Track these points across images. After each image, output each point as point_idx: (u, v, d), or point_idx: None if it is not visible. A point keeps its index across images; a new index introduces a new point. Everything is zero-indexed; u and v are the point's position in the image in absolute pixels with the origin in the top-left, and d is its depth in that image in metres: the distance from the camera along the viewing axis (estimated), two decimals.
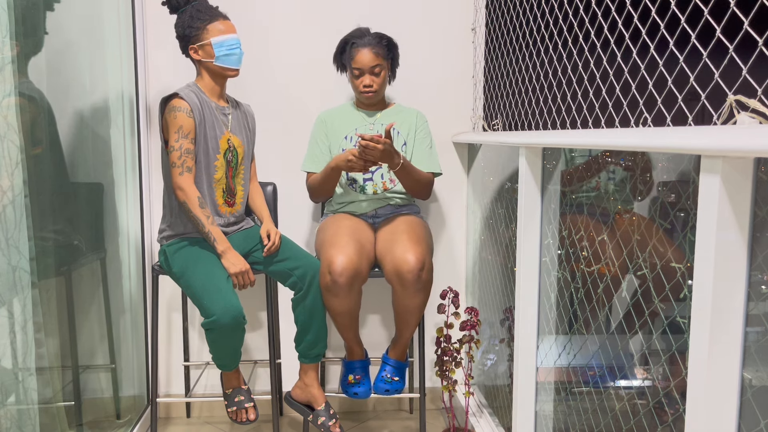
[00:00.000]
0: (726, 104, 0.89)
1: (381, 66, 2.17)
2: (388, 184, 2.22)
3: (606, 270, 1.40)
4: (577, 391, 1.60)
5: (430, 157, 2.26)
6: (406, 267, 1.93)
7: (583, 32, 1.43)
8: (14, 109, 1.48)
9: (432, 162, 2.25)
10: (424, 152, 2.25)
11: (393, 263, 1.96)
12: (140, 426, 2.35)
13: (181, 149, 1.92)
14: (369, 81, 2.18)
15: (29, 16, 1.64)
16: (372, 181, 2.21)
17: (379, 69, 2.17)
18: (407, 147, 2.25)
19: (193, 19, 1.96)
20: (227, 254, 1.93)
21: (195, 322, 2.56)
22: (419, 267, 1.94)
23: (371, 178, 2.21)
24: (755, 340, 0.92)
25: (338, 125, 2.27)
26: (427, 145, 2.27)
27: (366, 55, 2.16)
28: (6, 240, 1.45)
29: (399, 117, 2.29)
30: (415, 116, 2.29)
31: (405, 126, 2.27)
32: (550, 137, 1.47)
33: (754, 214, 0.89)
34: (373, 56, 2.16)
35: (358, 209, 2.23)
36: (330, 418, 2.07)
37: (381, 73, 2.18)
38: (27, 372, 1.54)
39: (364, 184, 2.22)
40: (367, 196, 2.22)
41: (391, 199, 2.23)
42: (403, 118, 2.29)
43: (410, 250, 1.95)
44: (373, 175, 2.21)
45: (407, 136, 2.26)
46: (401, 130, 2.26)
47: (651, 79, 1.13)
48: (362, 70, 2.17)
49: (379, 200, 2.22)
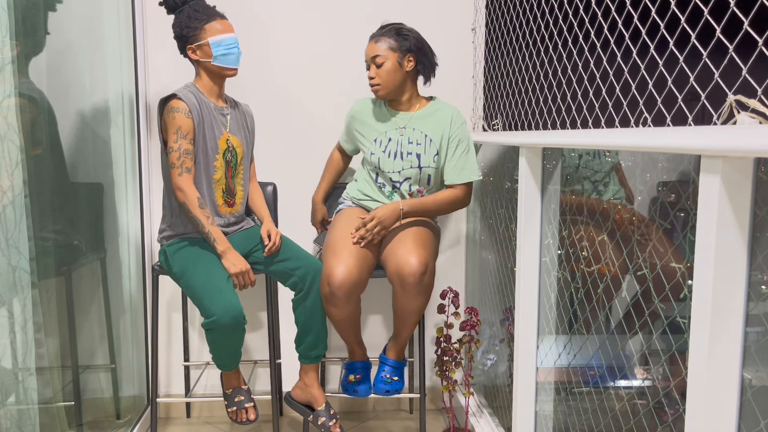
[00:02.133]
0: (726, 104, 0.89)
1: (384, 56, 2.01)
2: (415, 195, 2.13)
3: (606, 270, 1.40)
4: (577, 391, 1.60)
5: (465, 165, 2.07)
6: (408, 269, 1.92)
7: (583, 32, 1.43)
8: (14, 110, 1.48)
9: (464, 171, 2.07)
10: (455, 162, 2.07)
11: (395, 265, 1.95)
12: (140, 426, 2.35)
13: (180, 150, 1.92)
14: (372, 73, 2.04)
15: (29, 16, 1.64)
16: (399, 191, 2.13)
17: (381, 59, 2.01)
18: (440, 156, 2.08)
19: (190, 19, 1.96)
20: (227, 254, 1.93)
21: (195, 322, 2.56)
22: (421, 270, 1.92)
23: (399, 188, 2.11)
24: (755, 340, 0.92)
25: (367, 125, 2.15)
26: (461, 152, 2.07)
27: (370, 46, 2.04)
28: (6, 240, 1.45)
29: (429, 121, 2.11)
30: (449, 119, 2.09)
31: (438, 130, 2.09)
32: (550, 137, 1.47)
33: (754, 214, 0.89)
34: (374, 46, 2.03)
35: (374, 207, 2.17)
36: (330, 419, 2.07)
37: (385, 63, 2.02)
38: (27, 372, 1.54)
39: (392, 192, 2.13)
40: (390, 199, 2.14)
41: None
42: (434, 122, 2.10)
43: (413, 253, 1.93)
44: (401, 186, 2.11)
45: (440, 143, 2.08)
46: (434, 138, 2.08)
47: (651, 79, 1.13)
48: (367, 62, 2.06)
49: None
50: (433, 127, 2.10)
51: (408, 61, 2.05)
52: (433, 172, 2.10)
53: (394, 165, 2.09)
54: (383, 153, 2.10)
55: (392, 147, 2.10)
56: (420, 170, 2.08)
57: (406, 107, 2.13)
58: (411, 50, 2.04)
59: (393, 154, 2.09)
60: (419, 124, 2.11)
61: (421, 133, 2.09)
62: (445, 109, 2.12)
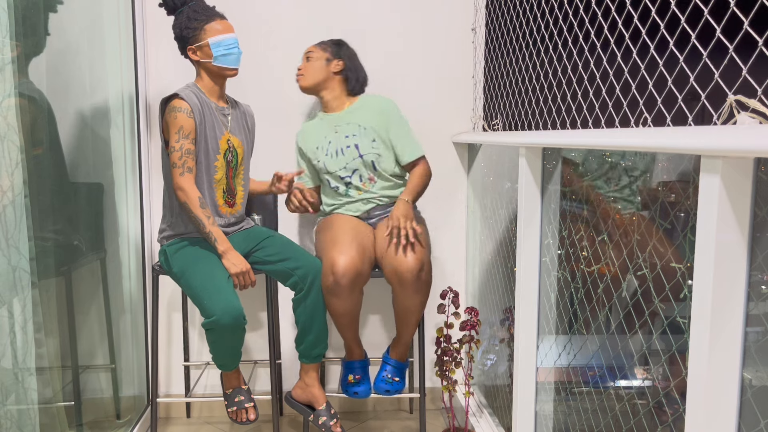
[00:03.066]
0: (726, 104, 0.89)
1: (316, 53, 2.21)
2: (367, 184, 2.21)
3: (606, 270, 1.40)
4: (577, 391, 1.60)
5: (410, 144, 2.20)
6: (405, 267, 1.94)
7: (583, 32, 1.43)
8: (14, 110, 1.48)
9: (413, 148, 2.20)
10: (403, 143, 2.20)
11: (392, 264, 1.97)
12: (140, 426, 2.35)
13: (182, 150, 1.92)
14: (302, 65, 2.24)
15: (29, 16, 1.64)
16: (353, 186, 2.21)
17: (312, 55, 2.21)
18: (378, 142, 2.19)
19: (189, 20, 1.96)
20: (228, 254, 1.93)
21: (195, 322, 2.56)
22: (418, 267, 1.94)
23: (351, 182, 2.20)
24: (755, 340, 0.92)
25: (311, 140, 2.26)
26: (403, 133, 2.21)
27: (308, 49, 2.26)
28: (6, 240, 1.45)
29: (359, 112, 2.23)
30: (379, 106, 2.22)
31: (369, 118, 2.21)
32: (550, 137, 1.47)
33: (754, 214, 0.89)
34: (311, 46, 2.25)
35: (348, 213, 2.23)
36: (331, 418, 2.07)
37: (314, 59, 2.21)
38: (27, 372, 1.54)
39: (347, 189, 2.21)
40: (352, 198, 2.21)
41: (378, 200, 2.21)
42: (364, 112, 2.22)
43: (410, 251, 1.96)
44: (352, 178, 2.20)
45: (376, 129, 2.20)
46: (367, 125, 2.20)
47: (651, 79, 1.13)
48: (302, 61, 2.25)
49: (367, 202, 2.21)
50: (363, 116, 2.22)
51: (336, 64, 2.23)
52: (376, 158, 2.19)
53: (338, 162, 2.20)
54: (326, 156, 2.21)
55: (332, 148, 2.21)
56: (361, 158, 2.18)
57: (336, 107, 2.26)
58: (341, 57, 2.24)
59: (334, 153, 2.21)
60: (351, 118, 2.23)
61: (354, 125, 2.21)
62: (373, 99, 2.27)
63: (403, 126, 2.21)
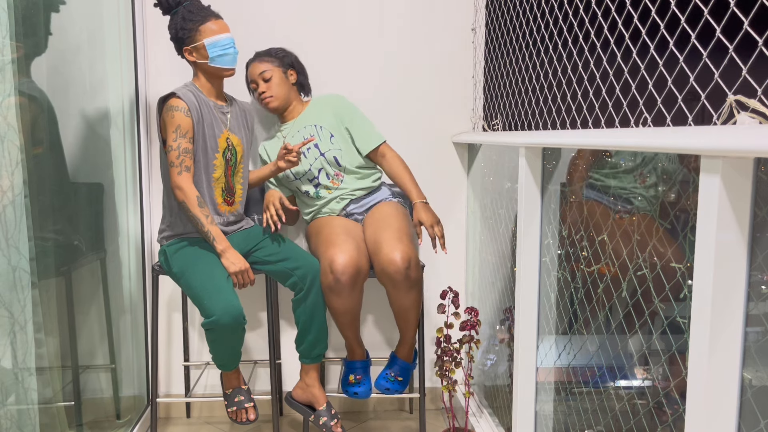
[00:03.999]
0: (726, 104, 0.89)
1: (271, 71, 2.17)
2: (336, 181, 2.21)
3: (606, 270, 1.40)
4: (577, 391, 1.60)
5: (369, 132, 2.20)
6: (393, 267, 1.94)
7: (583, 32, 1.43)
8: (14, 109, 1.48)
9: (372, 135, 2.20)
10: (361, 132, 2.20)
11: (380, 265, 1.97)
12: (140, 426, 2.35)
13: (180, 149, 1.92)
14: (263, 88, 2.18)
15: (30, 16, 1.64)
16: (322, 185, 2.21)
17: (268, 74, 2.17)
18: (337, 137, 2.19)
19: (185, 20, 1.95)
20: (227, 253, 1.93)
21: (195, 322, 2.56)
22: (405, 266, 1.94)
23: (319, 182, 2.20)
24: (755, 340, 0.92)
25: (272, 151, 2.28)
26: (359, 123, 2.21)
27: (254, 66, 2.20)
28: (6, 240, 1.45)
29: (312, 114, 2.23)
30: (329, 102, 2.24)
31: (326, 117, 2.22)
32: (550, 137, 1.47)
33: (754, 214, 0.89)
34: (260, 64, 2.19)
35: (326, 214, 2.23)
36: (332, 418, 2.07)
37: (271, 77, 2.17)
38: (27, 372, 1.54)
39: (317, 190, 2.21)
40: (325, 198, 2.21)
41: (351, 194, 2.21)
42: (317, 112, 2.23)
43: (396, 249, 1.96)
44: (319, 179, 2.20)
45: (331, 125, 2.20)
46: (324, 124, 2.20)
47: (651, 79, 1.13)
48: (255, 81, 2.19)
49: (339, 200, 2.21)
50: (317, 115, 2.23)
51: (290, 74, 2.24)
52: (338, 153, 2.19)
53: (302, 166, 2.21)
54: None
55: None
56: (324, 156, 2.19)
57: (293, 115, 2.27)
58: (292, 65, 2.25)
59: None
60: (306, 121, 2.24)
61: (311, 126, 2.22)
62: (323, 97, 2.28)
63: (357, 116, 2.22)
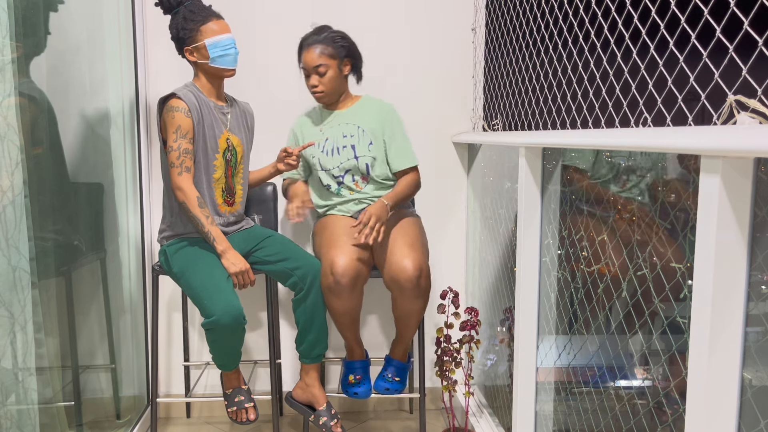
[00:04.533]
0: (726, 104, 0.89)
1: (326, 66, 2.10)
2: (359, 185, 2.19)
3: (606, 270, 1.40)
4: (577, 391, 1.60)
5: (405, 152, 2.18)
6: (404, 276, 1.93)
7: (583, 32, 1.43)
8: (14, 109, 1.48)
9: (407, 156, 2.18)
10: (398, 149, 2.18)
11: (390, 271, 1.96)
12: (140, 426, 2.35)
13: (180, 149, 1.92)
14: (315, 81, 2.12)
15: (30, 16, 1.64)
16: (345, 185, 2.19)
17: (323, 69, 2.10)
18: (375, 146, 2.17)
19: (186, 20, 1.95)
20: (227, 254, 1.93)
21: (195, 322, 2.56)
22: (417, 275, 1.93)
23: (343, 181, 2.19)
24: (755, 340, 0.92)
25: (307, 135, 2.25)
26: (399, 140, 2.18)
27: (310, 55, 2.11)
28: (6, 240, 1.45)
29: (360, 114, 2.20)
30: (379, 111, 2.20)
31: (369, 121, 2.19)
32: (550, 137, 1.47)
33: (754, 214, 0.89)
34: (316, 56, 2.10)
35: (341, 212, 2.22)
36: (332, 418, 2.07)
37: (326, 73, 2.10)
38: (27, 372, 1.54)
39: (339, 188, 2.20)
40: (344, 197, 2.20)
41: (371, 200, 2.20)
42: (365, 114, 2.20)
43: (407, 257, 1.95)
44: (344, 178, 2.18)
45: (373, 133, 2.17)
46: (366, 128, 2.18)
47: (651, 79, 1.13)
48: (308, 70, 2.13)
49: (359, 202, 2.21)
50: (363, 119, 2.20)
51: (345, 65, 2.17)
52: (371, 161, 2.17)
53: (332, 161, 2.18)
54: (322, 153, 2.19)
55: (329, 145, 2.19)
56: (357, 159, 2.16)
57: (340, 106, 2.24)
58: (348, 56, 2.17)
59: (330, 151, 2.18)
60: (351, 118, 2.21)
61: (354, 126, 2.19)
62: (375, 103, 2.24)
63: (399, 132, 2.19)
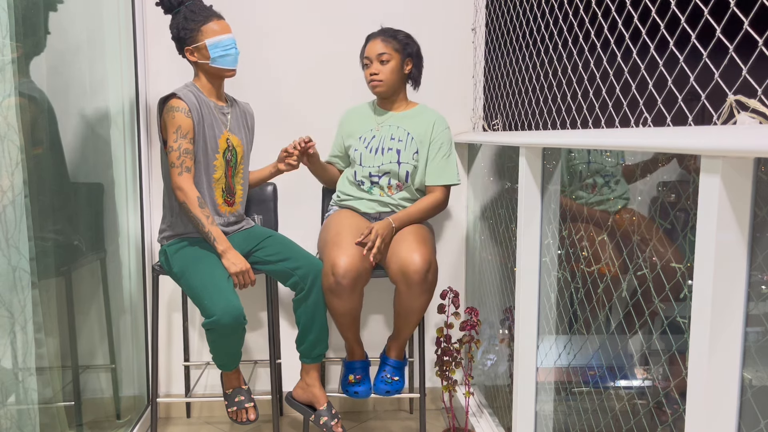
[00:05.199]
0: (726, 104, 0.89)
1: (389, 55, 2.10)
2: (394, 190, 2.18)
3: (606, 270, 1.40)
4: (577, 391, 1.60)
5: (445, 168, 2.16)
6: (413, 267, 1.93)
7: (583, 32, 1.43)
8: (14, 109, 1.48)
9: (444, 174, 2.16)
10: (437, 164, 2.16)
11: (399, 263, 1.96)
12: (140, 426, 2.35)
13: (180, 149, 1.92)
14: (375, 69, 2.11)
15: (30, 16, 1.64)
16: (378, 186, 2.18)
17: (387, 57, 2.10)
18: (420, 155, 2.16)
19: (186, 20, 1.95)
20: (227, 254, 1.93)
21: (195, 322, 2.56)
22: (425, 268, 1.94)
23: (378, 182, 2.18)
24: (755, 340, 0.92)
25: (354, 127, 2.24)
26: (442, 155, 2.16)
27: (375, 44, 2.12)
28: (6, 240, 1.45)
29: (413, 121, 2.18)
30: (432, 122, 2.18)
31: (420, 130, 2.17)
32: (550, 137, 1.47)
33: (754, 214, 0.89)
34: (381, 45, 2.11)
35: (362, 207, 2.21)
36: (332, 418, 2.07)
37: (390, 62, 2.10)
38: (27, 372, 1.54)
39: (372, 186, 2.19)
40: (373, 196, 2.19)
41: (396, 207, 2.19)
42: (417, 122, 2.18)
43: (416, 251, 1.95)
44: (380, 180, 2.17)
45: (421, 143, 2.16)
46: (415, 136, 2.16)
47: (651, 79, 1.13)
48: (370, 58, 2.12)
49: (384, 205, 2.19)
50: (415, 126, 2.18)
51: (407, 64, 2.16)
52: (411, 170, 2.16)
53: (374, 160, 2.17)
54: (365, 149, 2.18)
55: (374, 143, 2.18)
56: (399, 165, 2.16)
57: (395, 108, 2.22)
58: (412, 55, 2.16)
59: (374, 150, 2.18)
60: (403, 123, 2.19)
61: (403, 131, 2.18)
62: (431, 113, 2.21)
63: (446, 148, 2.17)
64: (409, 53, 2.15)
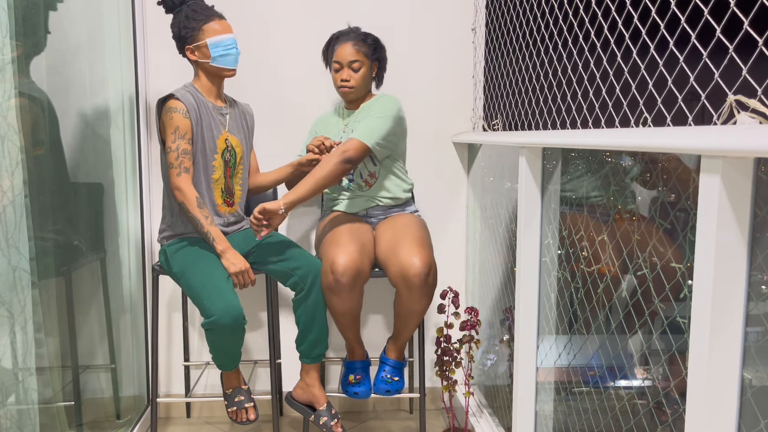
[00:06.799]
0: (726, 104, 0.89)
1: (361, 62, 2.13)
2: (369, 182, 2.21)
3: (606, 270, 1.40)
4: (577, 391, 1.60)
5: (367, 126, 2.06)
6: (413, 271, 1.93)
7: (583, 32, 1.43)
8: (15, 110, 1.48)
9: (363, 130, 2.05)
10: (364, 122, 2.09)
11: (399, 267, 1.96)
12: (140, 426, 2.35)
13: (178, 150, 1.92)
14: (346, 75, 2.14)
15: (30, 15, 1.64)
16: (354, 181, 2.21)
17: (358, 65, 2.13)
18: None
19: (188, 19, 1.96)
20: (227, 254, 1.93)
21: (195, 322, 2.56)
22: (426, 271, 1.93)
23: (352, 177, 2.20)
24: (755, 340, 0.92)
25: (322, 131, 2.28)
26: (373, 116, 2.09)
27: (346, 49, 2.14)
28: (6, 240, 1.45)
29: (368, 111, 2.15)
30: (383, 102, 2.15)
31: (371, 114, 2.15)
32: (550, 137, 1.47)
33: (754, 214, 0.89)
34: (353, 51, 2.13)
35: (349, 208, 2.23)
36: (332, 418, 2.07)
37: (360, 69, 2.14)
38: (27, 372, 1.54)
39: (350, 183, 2.22)
40: (353, 193, 2.21)
41: (379, 199, 2.21)
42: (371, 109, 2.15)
43: (416, 254, 1.95)
44: (353, 175, 2.20)
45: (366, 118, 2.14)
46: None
47: (651, 79, 1.13)
48: (341, 63, 2.14)
49: (367, 199, 2.21)
50: (368, 112, 2.18)
51: (374, 67, 2.22)
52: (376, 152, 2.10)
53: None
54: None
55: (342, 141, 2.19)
56: None
57: (357, 106, 2.25)
58: (379, 59, 2.22)
59: None
60: (360, 116, 2.21)
61: (357, 122, 2.19)
62: (382, 97, 2.20)
63: (377, 114, 2.09)
64: (377, 57, 2.20)
